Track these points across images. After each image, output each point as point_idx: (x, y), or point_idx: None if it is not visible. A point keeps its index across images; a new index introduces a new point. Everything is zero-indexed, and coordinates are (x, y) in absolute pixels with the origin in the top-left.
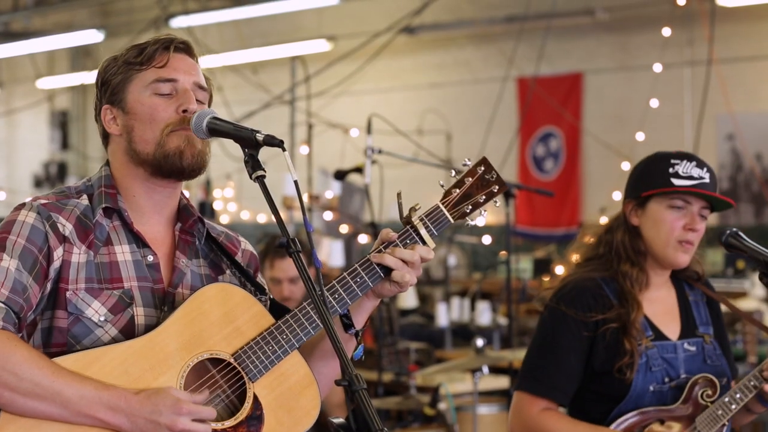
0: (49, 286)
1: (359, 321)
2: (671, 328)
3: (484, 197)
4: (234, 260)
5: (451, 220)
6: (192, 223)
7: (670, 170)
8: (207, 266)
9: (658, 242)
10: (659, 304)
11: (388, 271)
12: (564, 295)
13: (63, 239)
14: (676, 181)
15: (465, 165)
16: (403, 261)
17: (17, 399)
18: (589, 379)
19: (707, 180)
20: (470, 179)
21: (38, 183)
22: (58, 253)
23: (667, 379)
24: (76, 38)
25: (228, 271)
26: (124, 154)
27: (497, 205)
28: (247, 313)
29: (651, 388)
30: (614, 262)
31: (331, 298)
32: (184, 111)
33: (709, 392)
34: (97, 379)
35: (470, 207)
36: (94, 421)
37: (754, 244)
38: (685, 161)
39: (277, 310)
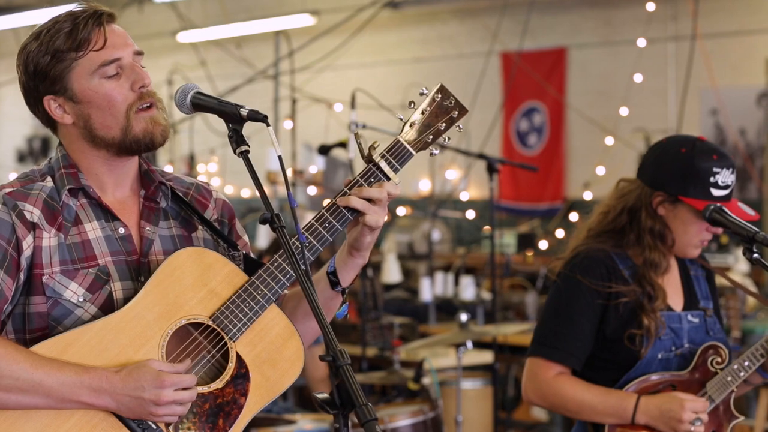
0: (22, 276)
1: (346, 279)
2: (675, 299)
3: (444, 124)
4: (203, 218)
5: (413, 152)
6: (154, 190)
7: (711, 179)
8: (178, 226)
9: (683, 241)
10: (666, 277)
11: (356, 213)
12: (577, 264)
13: (32, 226)
14: (715, 192)
15: (422, 94)
16: (370, 201)
17: (0, 395)
18: (599, 346)
19: (734, 179)
20: (429, 108)
21: (22, 158)
22: (27, 241)
23: (673, 348)
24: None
25: (200, 227)
26: (82, 140)
27: (460, 130)
28: (220, 273)
29: (659, 355)
30: (636, 244)
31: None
32: (141, 87)
33: (719, 360)
34: (76, 362)
35: (431, 136)
36: (80, 405)
37: (738, 218)
38: (724, 169)
39: (251, 265)
